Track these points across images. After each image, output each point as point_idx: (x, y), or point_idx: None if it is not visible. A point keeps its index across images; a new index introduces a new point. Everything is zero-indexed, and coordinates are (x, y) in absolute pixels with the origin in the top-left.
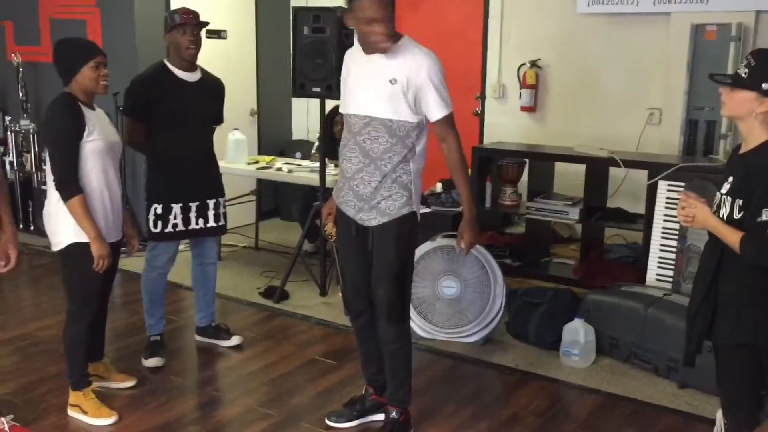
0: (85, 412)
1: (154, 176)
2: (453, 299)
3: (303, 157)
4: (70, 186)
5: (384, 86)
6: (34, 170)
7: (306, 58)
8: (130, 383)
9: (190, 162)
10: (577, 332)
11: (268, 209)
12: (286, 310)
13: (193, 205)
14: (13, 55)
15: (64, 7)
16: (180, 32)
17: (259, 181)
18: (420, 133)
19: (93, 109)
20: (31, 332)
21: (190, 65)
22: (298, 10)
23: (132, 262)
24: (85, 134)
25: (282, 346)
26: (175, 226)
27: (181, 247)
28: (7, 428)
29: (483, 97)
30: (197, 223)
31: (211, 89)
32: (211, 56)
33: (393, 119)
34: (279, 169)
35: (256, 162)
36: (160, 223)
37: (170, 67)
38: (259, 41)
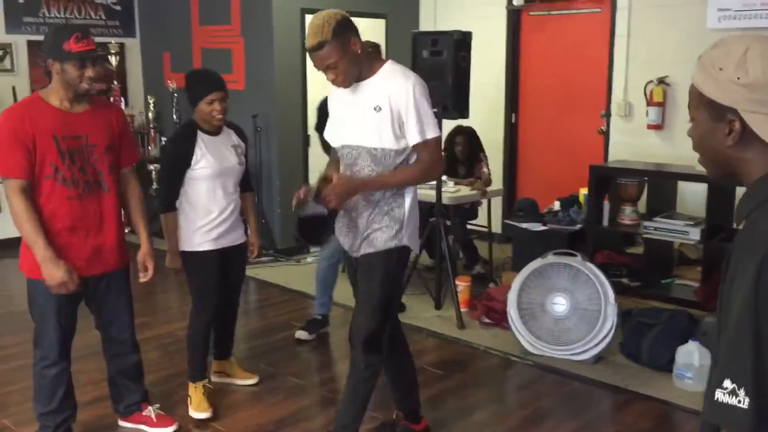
0: (190, 403)
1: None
2: (562, 316)
3: None
4: (165, 204)
5: (369, 114)
6: None
7: (425, 79)
8: (253, 381)
9: None
10: (692, 355)
11: None
12: (401, 321)
13: None
14: (169, 81)
15: (214, 38)
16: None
17: None
18: (408, 161)
19: (216, 134)
20: (173, 331)
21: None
22: (418, 35)
23: (265, 272)
24: (192, 162)
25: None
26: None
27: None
28: (153, 416)
29: (608, 115)
30: None
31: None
32: None
33: (377, 147)
34: None
35: None
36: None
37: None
38: None
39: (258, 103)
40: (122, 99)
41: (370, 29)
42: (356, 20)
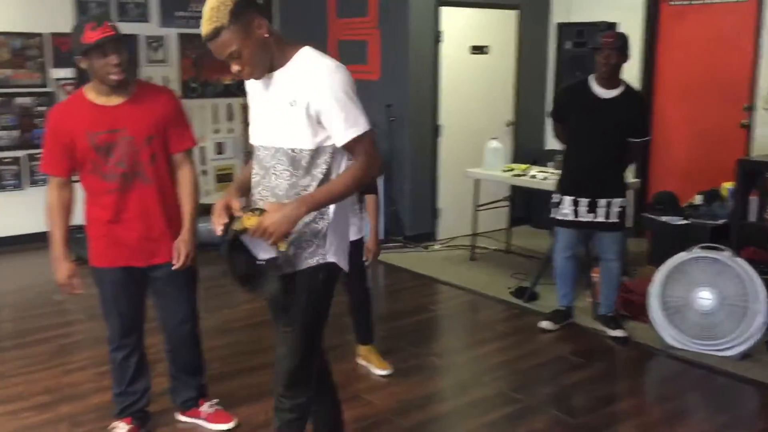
0: (370, 363)
1: (562, 171)
2: (708, 311)
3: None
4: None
5: (284, 110)
6: None
7: (566, 71)
8: (385, 371)
9: (588, 164)
10: None
11: (519, 216)
12: (535, 309)
13: (583, 201)
14: None
15: (350, 30)
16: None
17: (513, 188)
18: (328, 161)
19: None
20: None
21: (607, 82)
22: (563, 26)
23: (395, 257)
24: None
25: (531, 342)
26: (565, 215)
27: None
28: (211, 412)
29: (751, 108)
30: (585, 216)
31: (626, 104)
32: (474, 70)
33: (295, 147)
34: (533, 176)
35: (512, 169)
36: (554, 210)
37: (591, 83)
38: (519, 56)
39: (392, 93)
40: None
41: (502, 21)
42: (488, 12)
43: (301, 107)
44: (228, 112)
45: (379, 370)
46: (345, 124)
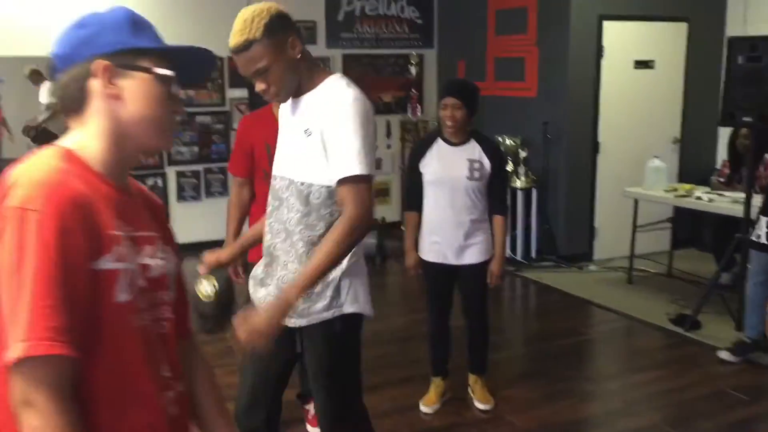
0: (473, 394)
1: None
2: None
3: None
4: (406, 203)
5: (299, 139)
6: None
7: (738, 86)
8: (485, 406)
9: None
10: None
11: (684, 238)
12: (696, 339)
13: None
14: None
15: (508, 47)
16: None
17: (676, 209)
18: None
19: (455, 143)
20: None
21: None
22: (734, 40)
23: (547, 276)
24: (420, 166)
25: (690, 373)
26: (758, 237)
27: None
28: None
29: None
30: None
31: None
32: (637, 85)
33: (305, 182)
34: (698, 198)
35: (675, 190)
36: (752, 233)
37: None
38: (687, 70)
39: (549, 110)
40: (418, 106)
41: (670, 34)
42: (654, 24)
43: (316, 137)
44: (386, 128)
45: (481, 404)
46: (345, 159)
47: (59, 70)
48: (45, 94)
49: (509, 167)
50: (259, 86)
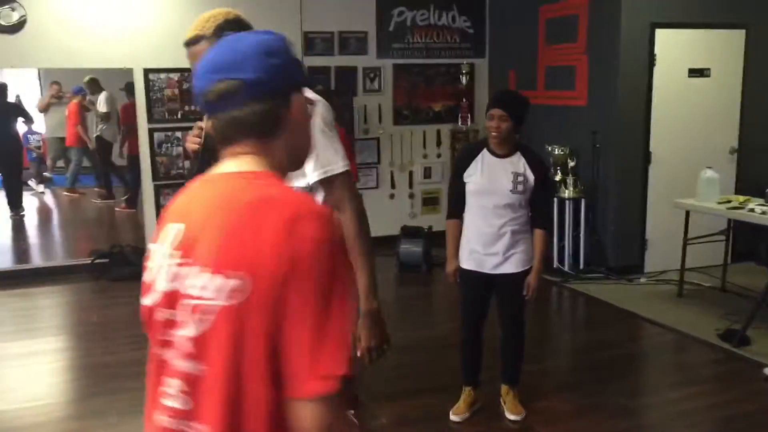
0: (504, 404)
1: None
2: None
3: None
4: (448, 212)
5: None
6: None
7: None
8: (515, 417)
9: None
10: None
11: (742, 251)
12: (744, 355)
13: None
14: None
15: (558, 56)
16: None
17: (731, 222)
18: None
19: (499, 155)
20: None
21: None
22: None
23: (595, 288)
24: (464, 176)
25: (732, 390)
26: None
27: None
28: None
29: None
30: None
31: None
32: (691, 94)
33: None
34: (751, 210)
35: (728, 201)
36: None
37: None
38: (746, 79)
39: (598, 119)
40: (468, 115)
41: (726, 42)
42: (710, 32)
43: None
44: (437, 137)
45: (511, 415)
46: (323, 158)
47: (249, 95)
48: (103, 103)
49: (558, 177)
50: None
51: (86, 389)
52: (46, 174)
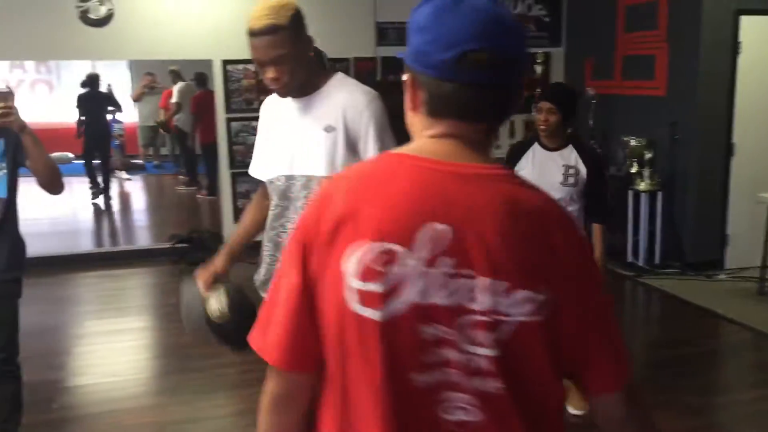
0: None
1: None
2: None
3: None
4: None
5: (320, 136)
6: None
7: None
8: (576, 411)
9: None
10: None
11: None
12: None
13: None
14: (588, 88)
15: (637, 45)
16: None
17: None
18: None
19: (551, 148)
20: None
21: None
22: None
23: (671, 284)
24: (516, 168)
25: None
26: None
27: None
28: None
29: None
30: None
31: None
32: None
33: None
34: None
35: None
36: None
37: None
38: None
39: (678, 110)
40: None
41: None
42: (757, 18)
43: (339, 133)
44: (510, 128)
45: (574, 409)
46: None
47: (523, 69)
48: (175, 93)
49: (633, 169)
50: (271, 74)
51: (163, 367)
52: (137, 161)
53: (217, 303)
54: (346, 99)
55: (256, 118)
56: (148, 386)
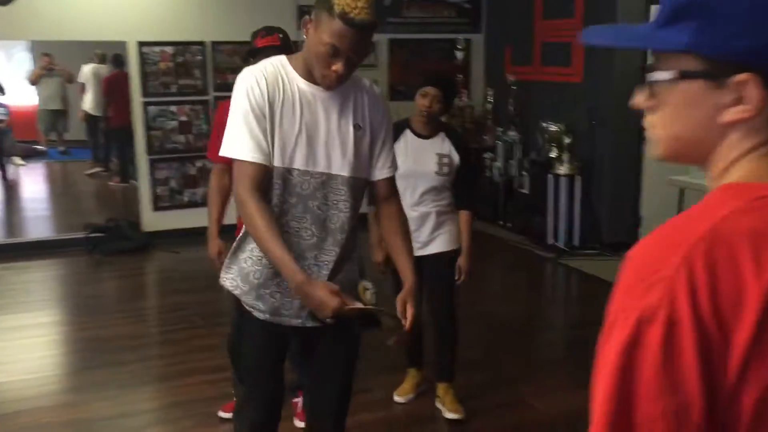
0: (443, 404)
1: None
2: None
3: None
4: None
5: (349, 133)
6: (516, 174)
7: None
8: (454, 416)
9: None
10: None
11: None
12: None
13: None
14: (508, 74)
15: (555, 32)
16: None
17: None
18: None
19: (425, 137)
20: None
21: None
22: None
23: (590, 265)
24: None
25: None
26: None
27: None
28: (299, 406)
29: None
30: None
31: None
32: None
33: (358, 176)
34: None
35: None
36: None
37: None
38: None
39: (595, 96)
40: (464, 91)
41: None
42: None
43: (366, 132)
44: None
45: (451, 414)
46: (392, 156)
47: None
48: (82, 74)
49: (553, 154)
50: (339, 66)
51: (83, 362)
52: (39, 147)
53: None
54: (366, 96)
55: (175, 102)
56: (68, 383)
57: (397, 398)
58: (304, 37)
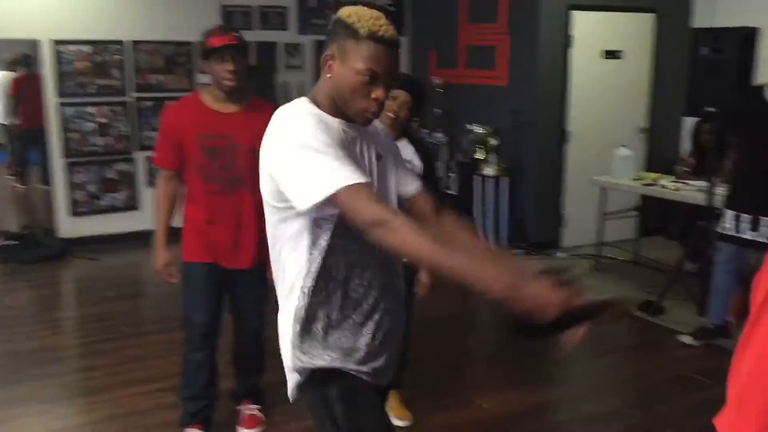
0: (390, 410)
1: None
2: None
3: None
4: None
5: (392, 171)
6: (443, 176)
7: (702, 77)
8: (405, 422)
9: (751, 179)
10: None
11: (651, 226)
12: (660, 324)
13: (745, 217)
14: (433, 77)
15: (479, 36)
16: None
17: (643, 198)
18: None
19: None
20: None
21: None
22: (698, 31)
23: None
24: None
25: (653, 357)
26: (725, 229)
27: None
28: (245, 414)
29: None
30: (746, 233)
31: None
32: (605, 75)
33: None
34: (664, 186)
35: (641, 178)
36: (718, 224)
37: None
38: (656, 61)
39: (519, 99)
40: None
41: (637, 25)
42: (622, 15)
43: (387, 158)
44: None
45: (398, 420)
46: (414, 177)
47: None
48: None
49: (480, 156)
50: (380, 93)
51: (7, 376)
52: None
53: None
54: (378, 126)
55: (92, 103)
56: None
57: (399, 422)
58: (328, 75)
